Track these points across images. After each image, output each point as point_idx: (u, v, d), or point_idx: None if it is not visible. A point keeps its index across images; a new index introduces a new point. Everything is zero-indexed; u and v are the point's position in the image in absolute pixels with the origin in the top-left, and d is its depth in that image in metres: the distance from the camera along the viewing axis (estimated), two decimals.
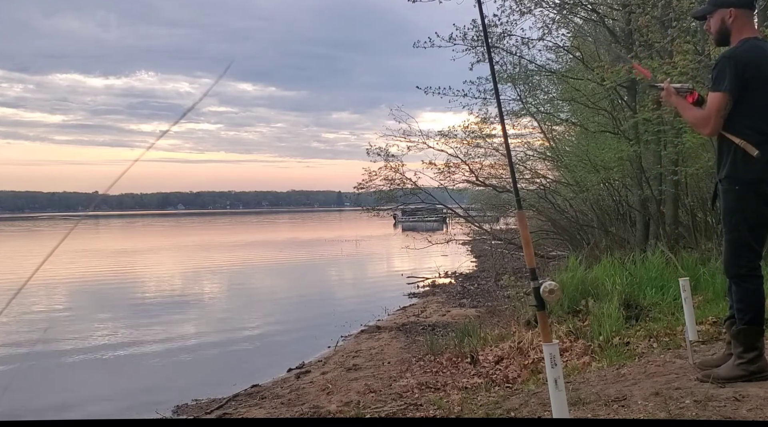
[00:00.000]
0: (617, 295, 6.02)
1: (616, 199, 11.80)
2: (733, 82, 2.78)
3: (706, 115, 2.85)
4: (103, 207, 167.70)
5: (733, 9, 2.88)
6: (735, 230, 2.92)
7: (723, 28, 2.92)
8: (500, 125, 2.85)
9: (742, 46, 2.85)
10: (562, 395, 2.37)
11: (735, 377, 2.94)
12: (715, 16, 2.95)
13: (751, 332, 2.94)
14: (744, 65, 2.80)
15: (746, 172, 2.83)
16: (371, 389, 5.38)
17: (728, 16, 2.89)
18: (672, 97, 3.02)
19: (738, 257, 2.94)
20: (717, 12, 2.93)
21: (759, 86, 2.81)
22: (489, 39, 8.76)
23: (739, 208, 2.88)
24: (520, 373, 4.97)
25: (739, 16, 2.89)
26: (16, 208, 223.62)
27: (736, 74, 2.78)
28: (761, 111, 2.82)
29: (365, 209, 14.74)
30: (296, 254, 25.27)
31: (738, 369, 2.95)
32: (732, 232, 2.93)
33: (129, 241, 38.64)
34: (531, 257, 2.49)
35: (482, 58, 9.83)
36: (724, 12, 2.90)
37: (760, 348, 2.96)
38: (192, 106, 1.30)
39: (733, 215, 2.91)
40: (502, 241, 15.29)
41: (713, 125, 2.84)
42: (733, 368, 2.97)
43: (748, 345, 2.93)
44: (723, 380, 2.96)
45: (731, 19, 2.89)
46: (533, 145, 14.10)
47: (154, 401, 6.02)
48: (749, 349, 2.93)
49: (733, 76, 2.78)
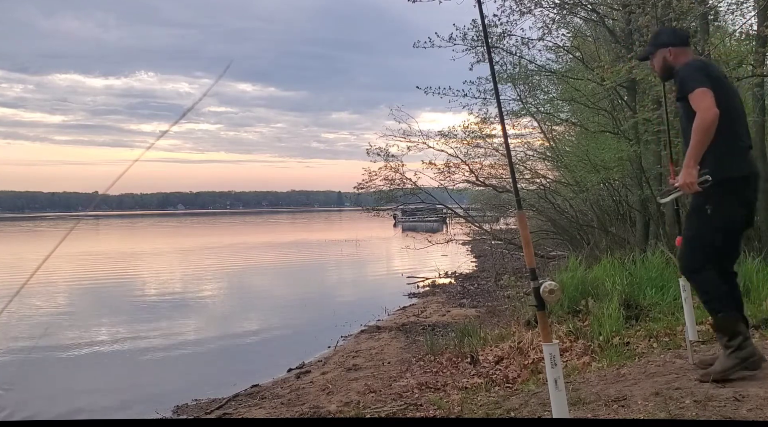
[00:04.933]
0: (617, 295, 6.02)
1: (616, 199, 11.80)
2: (704, 79, 2.88)
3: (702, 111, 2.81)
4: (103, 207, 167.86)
5: (672, 48, 3.14)
6: (697, 228, 3.00)
7: (666, 65, 3.16)
8: (500, 125, 2.85)
9: (694, 59, 3.11)
10: (562, 395, 2.37)
11: (730, 368, 2.96)
12: (656, 56, 3.20)
13: (726, 320, 2.97)
14: (703, 67, 3.00)
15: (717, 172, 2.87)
16: (371, 389, 5.38)
17: (668, 54, 3.15)
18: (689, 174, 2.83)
19: (693, 253, 3.02)
20: (658, 52, 3.19)
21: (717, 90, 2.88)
22: (489, 39, 8.76)
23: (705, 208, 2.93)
24: (520, 373, 4.97)
25: (678, 52, 3.14)
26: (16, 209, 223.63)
27: (702, 73, 2.92)
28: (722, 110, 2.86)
29: (365, 209, 14.74)
30: (296, 254, 25.27)
31: (730, 359, 2.97)
32: (693, 229, 3.01)
33: (130, 242, 38.64)
34: (531, 257, 2.49)
35: (482, 58, 9.83)
36: (664, 51, 3.16)
37: (743, 332, 2.98)
38: (192, 106, 1.30)
39: (698, 214, 2.97)
40: (502, 241, 15.29)
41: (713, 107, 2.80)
42: (726, 360, 2.99)
43: (729, 332, 2.96)
44: (720, 374, 2.97)
45: (671, 57, 3.14)
46: (533, 145, 14.10)
47: (154, 401, 6.01)
48: (732, 336, 2.95)
49: (700, 75, 2.91)
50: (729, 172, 2.89)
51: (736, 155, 2.94)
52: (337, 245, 27.81)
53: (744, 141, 3.01)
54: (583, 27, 11.62)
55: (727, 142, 2.89)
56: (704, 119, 2.80)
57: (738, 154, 2.95)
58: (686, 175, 2.83)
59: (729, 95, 3.00)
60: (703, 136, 2.79)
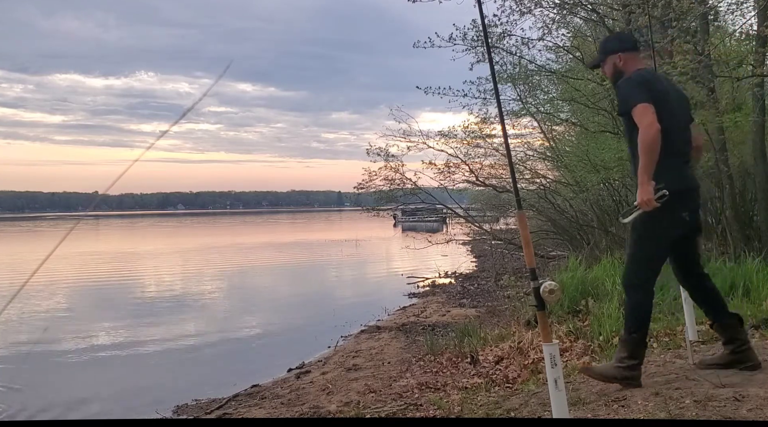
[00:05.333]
0: (617, 295, 6.02)
1: (616, 199, 11.79)
2: (646, 94, 2.93)
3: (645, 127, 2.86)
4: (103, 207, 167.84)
5: (621, 53, 3.19)
6: (639, 243, 3.07)
7: (616, 71, 3.20)
8: (500, 125, 2.85)
9: (637, 72, 3.11)
10: (562, 395, 2.37)
11: (610, 378, 3.12)
12: (607, 62, 3.24)
13: (636, 341, 3.11)
14: (645, 81, 3.02)
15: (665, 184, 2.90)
16: (371, 389, 5.38)
17: (618, 60, 3.19)
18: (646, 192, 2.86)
19: (635, 268, 3.11)
20: (608, 59, 3.23)
21: (660, 103, 2.94)
22: (489, 39, 8.76)
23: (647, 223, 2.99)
24: (520, 373, 4.96)
25: (627, 58, 3.18)
26: (16, 209, 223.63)
27: (644, 88, 2.96)
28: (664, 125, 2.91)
29: (365, 209, 14.75)
30: (296, 254, 25.27)
31: (614, 371, 3.11)
32: (636, 244, 3.09)
33: (130, 242, 38.65)
34: (531, 257, 2.49)
35: (482, 58, 9.83)
36: (613, 57, 3.20)
37: (640, 359, 3.13)
38: (192, 106, 1.31)
39: (640, 229, 3.04)
40: (502, 241, 15.29)
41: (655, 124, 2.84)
42: (610, 369, 3.14)
43: (630, 353, 3.10)
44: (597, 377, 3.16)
45: (621, 62, 3.18)
46: (533, 145, 14.10)
47: (154, 401, 6.01)
48: (632, 357, 3.10)
49: (641, 90, 2.96)
50: (672, 186, 2.91)
51: (677, 170, 3.00)
52: (337, 245, 27.82)
53: (685, 156, 3.11)
54: (583, 27, 11.61)
55: (668, 157, 2.93)
56: (647, 135, 2.85)
57: (679, 169, 3.03)
58: (643, 193, 2.85)
59: (673, 109, 3.04)
60: (650, 153, 2.85)
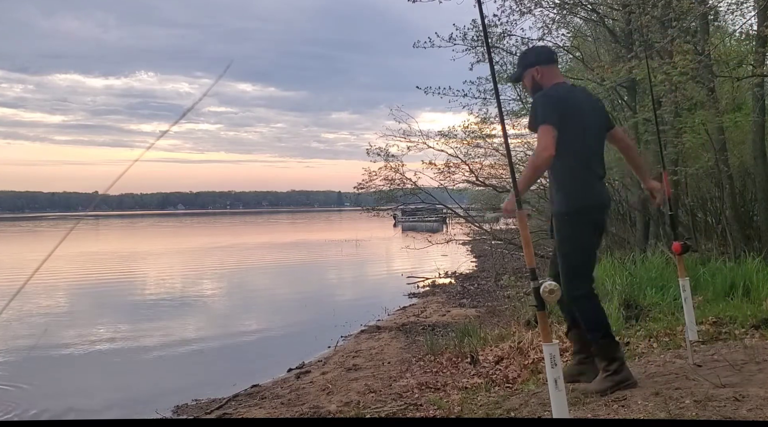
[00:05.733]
0: (617, 295, 6.03)
1: (616, 199, 11.79)
2: (553, 115, 3.02)
3: (540, 149, 2.98)
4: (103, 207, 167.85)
5: (538, 67, 3.27)
6: (570, 256, 3.18)
7: (535, 84, 3.28)
8: (500, 125, 2.86)
9: (553, 88, 3.20)
10: (562, 395, 2.37)
11: (606, 389, 3.14)
12: (526, 76, 3.33)
13: (608, 346, 3.18)
14: (557, 100, 3.10)
15: (575, 201, 3.12)
16: (371, 389, 5.38)
17: (536, 73, 3.27)
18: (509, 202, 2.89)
19: (573, 280, 3.18)
20: (526, 72, 3.31)
21: (574, 120, 3.07)
22: (489, 39, 8.76)
23: (572, 236, 3.14)
24: (520, 373, 4.96)
25: (544, 71, 3.27)
26: (16, 209, 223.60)
27: (554, 108, 3.04)
28: (578, 143, 3.08)
29: (365, 209, 14.75)
30: (296, 254, 25.26)
31: (606, 381, 3.16)
32: (567, 257, 3.19)
33: (130, 242, 38.65)
34: (531, 256, 2.49)
35: (482, 58, 9.85)
36: (531, 70, 3.28)
37: (621, 357, 3.20)
38: (192, 106, 1.31)
39: (567, 243, 3.17)
40: (502, 241, 15.28)
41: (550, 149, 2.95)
42: (602, 382, 3.18)
43: (608, 358, 3.16)
44: (595, 393, 3.16)
45: (539, 76, 3.27)
46: (533, 145, 14.08)
47: (154, 401, 6.01)
48: (611, 361, 3.15)
49: (550, 110, 3.04)
50: (584, 201, 3.12)
51: (590, 186, 3.16)
52: (337, 245, 27.81)
53: (597, 172, 3.21)
54: (583, 27, 11.62)
55: (583, 173, 3.12)
56: (539, 157, 2.97)
57: (592, 185, 3.17)
58: (509, 202, 2.94)
59: (587, 124, 3.15)
60: (534, 173, 3.03)
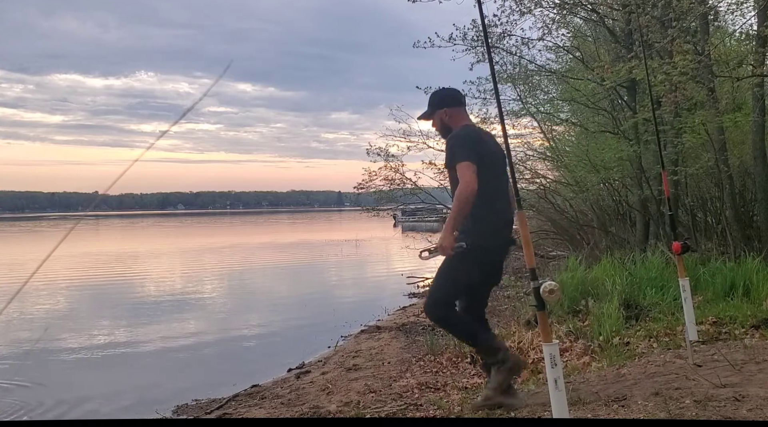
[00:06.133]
0: (617, 295, 6.02)
1: (616, 199, 11.80)
2: (471, 153, 3.13)
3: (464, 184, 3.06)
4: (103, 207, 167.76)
5: (447, 109, 3.38)
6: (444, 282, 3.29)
7: (443, 125, 3.40)
8: (500, 125, 2.86)
9: (464, 128, 3.32)
10: (562, 395, 2.37)
11: (503, 380, 3.23)
12: (435, 117, 3.44)
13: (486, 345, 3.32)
14: (473, 140, 3.22)
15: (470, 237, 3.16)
16: (371, 389, 5.38)
17: (445, 115, 3.38)
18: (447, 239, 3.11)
19: (436, 304, 3.32)
20: (435, 114, 3.42)
21: (484, 161, 3.16)
22: (489, 39, 8.75)
23: (456, 267, 3.21)
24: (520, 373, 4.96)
25: (452, 113, 3.38)
26: (16, 209, 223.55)
27: (470, 146, 3.16)
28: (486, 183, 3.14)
29: (365, 209, 14.75)
30: (296, 255, 25.26)
31: (501, 373, 3.24)
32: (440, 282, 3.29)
33: (130, 242, 38.65)
34: (531, 256, 2.49)
35: (482, 59, 9.84)
36: (440, 112, 3.39)
37: (502, 346, 3.34)
38: (191, 106, 1.30)
39: (448, 270, 3.24)
40: None
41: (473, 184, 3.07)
42: (497, 375, 3.26)
43: (490, 352, 3.27)
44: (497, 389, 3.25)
45: (448, 117, 3.38)
46: (533, 145, 14.09)
47: (154, 401, 6.00)
48: (494, 352, 3.26)
49: (468, 148, 3.16)
50: (479, 240, 3.18)
51: (490, 226, 3.23)
52: (337, 245, 27.80)
53: (502, 213, 3.30)
54: (583, 27, 11.62)
55: (486, 212, 3.19)
56: (463, 192, 3.06)
57: (492, 225, 3.25)
58: (444, 239, 3.09)
59: (494, 168, 3.23)
60: (462, 207, 3.08)
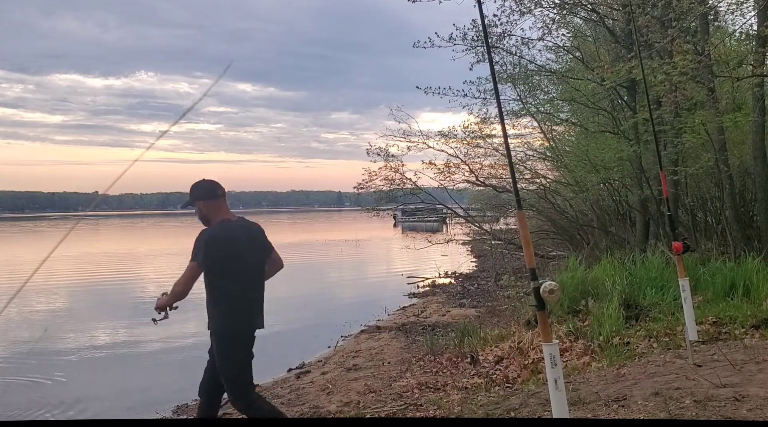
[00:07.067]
0: (617, 295, 6.03)
1: (616, 199, 11.80)
2: (204, 255, 3.41)
3: (182, 280, 3.45)
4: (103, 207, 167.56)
5: (202, 202, 3.62)
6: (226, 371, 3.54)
7: (202, 215, 3.64)
8: (500, 125, 2.87)
9: (217, 227, 3.55)
10: (562, 395, 2.37)
11: None
12: (196, 207, 3.67)
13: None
14: (215, 242, 3.45)
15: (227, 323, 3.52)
16: (371, 389, 5.38)
17: (203, 207, 3.62)
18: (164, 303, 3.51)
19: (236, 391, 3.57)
20: (196, 204, 3.66)
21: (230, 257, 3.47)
22: (489, 39, 8.76)
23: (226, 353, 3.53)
24: (520, 373, 4.97)
25: (208, 206, 3.61)
26: (16, 209, 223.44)
27: (206, 251, 3.42)
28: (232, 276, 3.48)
29: (365, 209, 14.75)
30: (296, 255, 25.25)
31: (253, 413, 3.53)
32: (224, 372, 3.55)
33: (130, 242, 38.65)
34: (531, 257, 2.49)
35: (482, 59, 9.84)
36: (199, 204, 3.63)
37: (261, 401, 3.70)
38: (191, 106, 1.31)
39: (222, 359, 3.55)
40: (502, 241, 15.30)
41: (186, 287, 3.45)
42: None
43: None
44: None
45: (205, 210, 3.62)
46: (533, 145, 14.11)
47: (154, 401, 6.01)
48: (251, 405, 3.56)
49: (202, 252, 3.42)
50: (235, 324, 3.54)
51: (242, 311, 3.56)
52: (337, 245, 27.81)
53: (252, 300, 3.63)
54: (583, 27, 11.62)
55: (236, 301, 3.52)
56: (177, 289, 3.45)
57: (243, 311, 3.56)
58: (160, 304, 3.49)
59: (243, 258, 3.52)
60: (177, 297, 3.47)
